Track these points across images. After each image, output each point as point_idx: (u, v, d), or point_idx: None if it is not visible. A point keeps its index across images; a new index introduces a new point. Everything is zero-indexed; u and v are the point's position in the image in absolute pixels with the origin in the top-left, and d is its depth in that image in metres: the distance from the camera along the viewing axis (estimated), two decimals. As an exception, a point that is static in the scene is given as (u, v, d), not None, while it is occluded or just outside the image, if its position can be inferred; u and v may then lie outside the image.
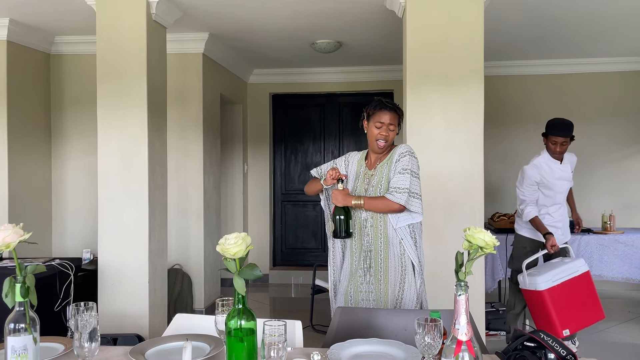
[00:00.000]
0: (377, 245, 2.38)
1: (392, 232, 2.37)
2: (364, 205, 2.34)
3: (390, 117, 2.40)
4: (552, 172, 3.78)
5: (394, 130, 2.42)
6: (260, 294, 5.93)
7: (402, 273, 2.36)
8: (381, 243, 2.38)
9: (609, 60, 5.86)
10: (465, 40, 3.55)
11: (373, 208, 2.35)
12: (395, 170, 2.37)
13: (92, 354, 1.38)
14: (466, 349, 1.22)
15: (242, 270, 1.32)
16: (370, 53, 5.57)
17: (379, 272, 2.38)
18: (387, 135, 2.40)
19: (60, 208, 5.10)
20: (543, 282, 3.45)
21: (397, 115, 2.43)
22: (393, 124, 2.40)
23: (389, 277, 2.36)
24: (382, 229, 2.38)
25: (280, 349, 1.27)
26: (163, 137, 3.96)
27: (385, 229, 2.38)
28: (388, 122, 2.39)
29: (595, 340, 4.16)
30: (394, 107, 2.42)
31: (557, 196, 3.83)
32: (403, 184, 2.31)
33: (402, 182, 2.32)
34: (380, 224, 2.38)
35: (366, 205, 2.34)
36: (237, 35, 4.92)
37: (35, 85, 4.89)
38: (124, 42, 3.68)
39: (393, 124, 2.41)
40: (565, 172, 3.83)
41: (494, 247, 1.29)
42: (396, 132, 2.45)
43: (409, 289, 2.36)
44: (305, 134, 6.67)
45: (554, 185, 3.79)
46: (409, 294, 2.35)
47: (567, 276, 3.50)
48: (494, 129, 5.68)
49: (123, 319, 3.63)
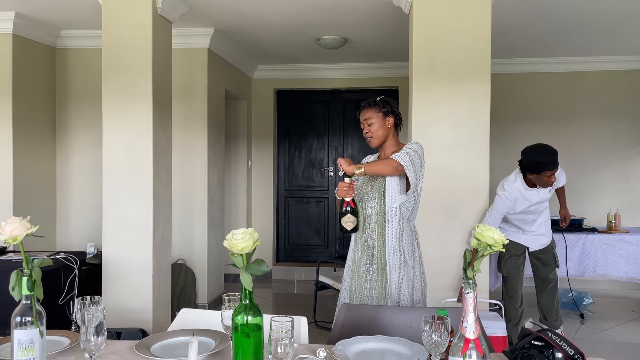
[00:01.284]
0: (381, 242, 2.38)
1: (392, 229, 2.36)
2: (365, 171, 2.34)
3: (364, 114, 2.45)
4: (527, 201, 3.63)
5: (374, 123, 2.43)
6: (264, 290, 5.94)
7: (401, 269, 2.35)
8: (384, 239, 2.38)
9: (616, 59, 5.83)
10: (472, 37, 3.53)
11: (372, 170, 2.34)
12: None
13: (99, 348, 1.38)
14: (474, 347, 1.21)
15: (249, 265, 1.32)
16: (376, 49, 5.55)
17: (381, 269, 2.38)
18: (368, 130, 2.45)
19: (64, 202, 5.11)
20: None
21: (373, 108, 2.43)
22: (368, 117, 2.44)
23: (389, 273, 2.36)
24: (385, 225, 2.38)
25: (287, 345, 1.26)
26: (168, 132, 3.96)
27: (383, 224, 2.38)
28: (364, 119, 2.45)
29: (599, 340, 4.15)
30: (366, 104, 2.47)
31: (532, 216, 3.75)
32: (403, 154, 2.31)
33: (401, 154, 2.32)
34: (383, 220, 2.38)
35: (367, 170, 2.34)
36: (243, 30, 4.91)
37: (40, 79, 4.89)
38: (129, 36, 3.68)
39: (369, 118, 2.44)
40: (542, 194, 3.65)
41: (502, 245, 1.28)
42: (379, 123, 2.42)
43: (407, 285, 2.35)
44: (309, 130, 6.66)
45: (528, 211, 3.68)
46: (407, 290, 2.35)
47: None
48: (499, 127, 5.65)
49: (127, 314, 3.64)
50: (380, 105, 2.43)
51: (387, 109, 2.44)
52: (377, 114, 2.43)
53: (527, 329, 1.52)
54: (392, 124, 2.46)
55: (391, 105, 2.46)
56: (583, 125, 6.00)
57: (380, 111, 2.43)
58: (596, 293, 5.50)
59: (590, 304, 5.11)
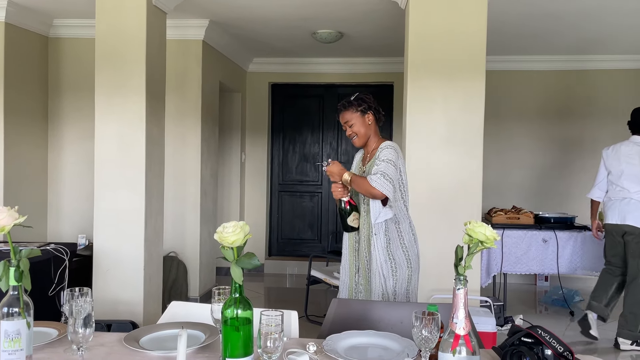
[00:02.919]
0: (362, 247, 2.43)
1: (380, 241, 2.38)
2: (350, 182, 2.36)
3: (343, 116, 2.47)
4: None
5: (354, 123, 2.44)
6: (255, 284, 5.93)
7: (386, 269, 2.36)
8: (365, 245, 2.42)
9: (611, 58, 5.85)
10: (468, 34, 3.53)
11: (355, 185, 2.35)
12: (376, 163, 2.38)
13: (86, 339, 1.36)
14: (464, 343, 1.21)
15: (240, 259, 1.31)
16: (372, 44, 5.53)
17: (366, 267, 2.40)
18: (350, 132, 2.46)
19: (56, 193, 5.08)
20: None
21: (349, 110, 2.43)
22: (348, 119, 2.45)
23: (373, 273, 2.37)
24: (365, 232, 2.42)
25: (276, 339, 1.26)
26: (161, 124, 3.93)
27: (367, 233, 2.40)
28: (344, 121, 2.47)
29: (588, 337, 4.18)
30: (342, 106, 2.47)
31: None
32: (381, 168, 2.31)
33: (379, 167, 2.32)
34: (364, 226, 2.43)
35: (351, 181, 2.36)
36: (238, 22, 4.88)
37: (32, 68, 4.84)
38: (123, 26, 3.64)
39: (348, 120, 2.45)
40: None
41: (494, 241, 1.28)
42: (360, 122, 2.43)
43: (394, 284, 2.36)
44: (303, 124, 6.65)
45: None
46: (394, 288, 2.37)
47: None
48: (492, 123, 5.67)
49: (117, 306, 3.62)
50: (356, 104, 2.43)
51: (364, 107, 2.43)
52: (355, 113, 2.43)
53: (517, 326, 1.52)
54: (372, 120, 2.46)
55: (367, 102, 2.45)
56: (577, 123, 6.02)
57: (357, 110, 2.43)
58: (586, 291, 5.52)
59: (581, 302, 5.14)
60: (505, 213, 4.82)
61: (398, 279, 2.37)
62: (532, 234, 4.57)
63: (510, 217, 4.73)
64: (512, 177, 6.09)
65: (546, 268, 4.56)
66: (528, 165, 6.07)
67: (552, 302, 5.17)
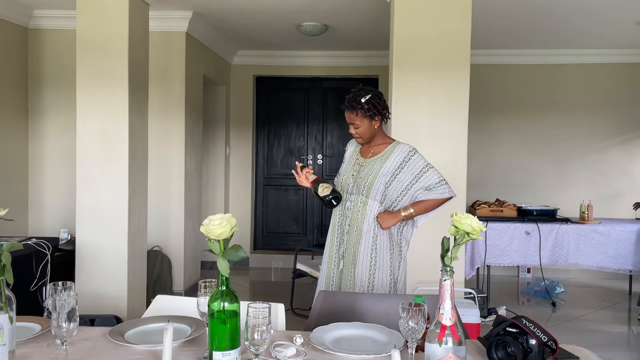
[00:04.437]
0: (351, 236, 2.42)
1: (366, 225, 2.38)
2: (414, 213, 2.37)
3: (349, 117, 2.38)
4: None
5: (360, 126, 2.37)
6: (241, 277, 5.92)
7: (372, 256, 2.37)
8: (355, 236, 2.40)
9: (593, 52, 5.92)
10: (453, 28, 3.54)
11: (424, 211, 2.39)
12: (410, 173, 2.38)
13: (70, 334, 1.35)
14: (450, 333, 1.22)
15: (227, 251, 1.30)
16: (357, 37, 5.53)
17: (350, 256, 2.40)
18: (355, 132, 2.41)
19: (37, 186, 5.00)
20: None
21: (358, 114, 2.34)
22: (353, 122, 2.37)
23: (358, 261, 2.37)
24: (359, 220, 2.39)
25: (264, 332, 1.25)
26: (144, 117, 3.89)
27: (361, 220, 2.39)
28: (350, 122, 2.39)
29: (571, 327, 4.25)
30: (350, 106, 2.36)
31: None
32: (436, 177, 2.39)
33: (433, 178, 2.38)
34: (358, 216, 2.40)
35: (416, 212, 2.37)
36: (222, 14, 4.83)
37: (11, 60, 4.74)
38: (105, 18, 3.59)
39: (353, 122, 2.37)
40: None
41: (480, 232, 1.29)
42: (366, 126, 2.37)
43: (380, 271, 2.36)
44: (289, 117, 6.62)
45: None
46: (380, 276, 2.37)
47: None
48: (476, 117, 5.70)
49: (101, 300, 3.59)
50: (366, 109, 2.33)
51: (373, 112, 2.35)
52: (364, 118, 2.35)
53: (502, 316, 1.53)
54: (378, 124, 2.41)
55: (377, 107, 2.35)
56: (559, 116, 6.09)
57: (365, 116, 2.35)
58: (568, 282, 5.62)
59: (562, 293, 5.22)
60: (488, 206, 4.86)
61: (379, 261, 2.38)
62: (515, 226, 4.62)
63: (494, 210, 4.78)
64: (496, 170, 6.15)
65: (529, 260, 4.61)
66: (511, 159, 6.13)
67: (534, 293, 5.24)
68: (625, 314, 4.74)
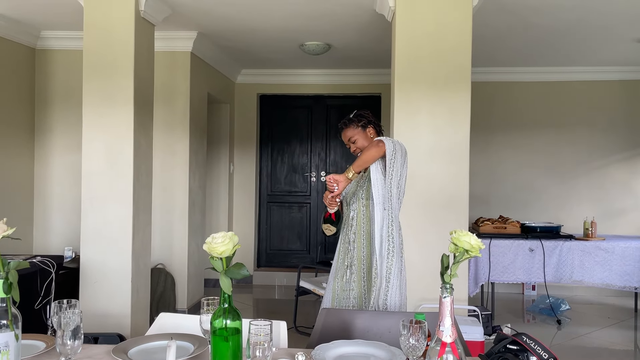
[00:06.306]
0: (360, 243, 2.42)
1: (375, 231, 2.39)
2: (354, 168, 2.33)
3: (345, 134, 2.56)
4: None
5: (357, 139, 2.53)
6: (244, 295, 5.91)
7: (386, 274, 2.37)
8: (364, 240, 2.41)
9: (594, 69, 5.96)
10: (454, 46, 3.58)
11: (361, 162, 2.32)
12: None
13: (75, 351, 1.36)
14: (450, 350, 1.22)
15: (229, 269, 1.32)
16: (359, 56, 5.59)
17: (361, 270, 2.41)
18: (355, 148, 2.55)
19: (42, 205, 5.04)
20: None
21: (351, 127, 2.53)
22: (351, 136, 2.54)
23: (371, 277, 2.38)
24: (364, 227, 2.41)
25: (265, 349, 1.27)
26: (149, 136, 3.93)
27: (368, 228, 2.40)
28: (347, 139, 2.56)
29: (576, 346, 4.21)
30: (342, 124, 2.57)
31: None
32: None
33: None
34: (363, 221, 2.41)
35: (354, 167, 2.33)
36: (226, 34, 4.91)
37: (19, 80, 4.82)
38: (111, 38, 3.65)
39: (351, 137, 2.54)
40: None
41: (479, 250, 1.30)
42: (362, 137, 2.52)
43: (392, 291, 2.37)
44: (292, 135, 6.67)
45: None
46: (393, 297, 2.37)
47: None
48: (479, 134, 5.73)
49: (104, 318, 3.59)
50: (357, 121, 2.53)
51: (364, 122, 2.53)
52: (357, 129, 2.53)
53: (503, 333, 1.54)
54: (373, 133, 2.55)
55: (366, 117, 2.55)
56: (561, 133, 6.11)
57: (358, 126, 2.53)
58: (573, 299, 5.59)
59: (567, 310, 5.19)
60: (492, 223, 4.87)
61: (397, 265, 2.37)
62: (518, 243, 4.61)
63: (497, 227, 4.79)
64: (499, 187, 6.16)
65: (533, 277, 4.60)
66: (514, 176, 6.14)
67: (539, 311, 5.21)
68: (631, 332, 4.70)
